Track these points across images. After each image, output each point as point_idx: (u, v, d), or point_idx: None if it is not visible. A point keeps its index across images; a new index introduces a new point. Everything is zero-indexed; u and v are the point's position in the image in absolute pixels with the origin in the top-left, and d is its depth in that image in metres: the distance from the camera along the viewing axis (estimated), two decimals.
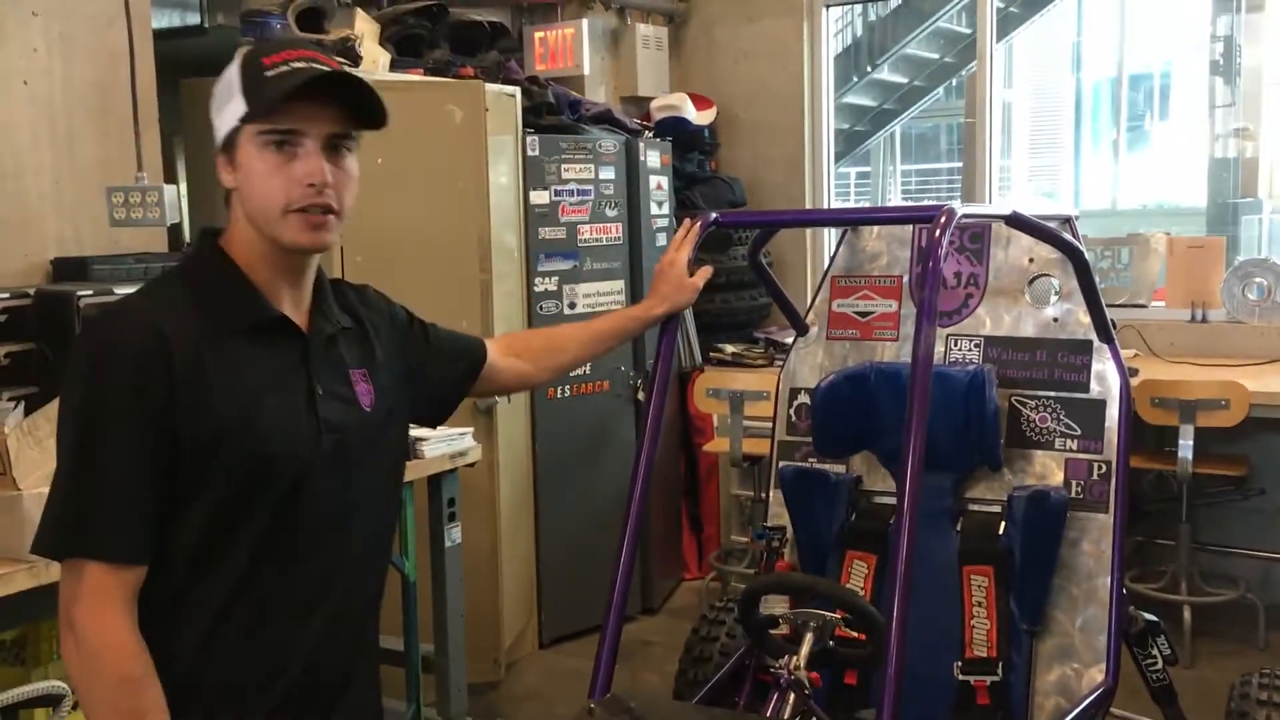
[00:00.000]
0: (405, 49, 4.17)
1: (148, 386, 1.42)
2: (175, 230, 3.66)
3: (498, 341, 2.06)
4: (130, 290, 3.06)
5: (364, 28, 3.94)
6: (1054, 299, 2.79)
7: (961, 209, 2.10)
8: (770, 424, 4.01)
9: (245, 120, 1.47)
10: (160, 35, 3.68)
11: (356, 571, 1.62)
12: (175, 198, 3.29)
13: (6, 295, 2.91)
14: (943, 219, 2.05)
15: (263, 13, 3.70)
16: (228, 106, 1.49)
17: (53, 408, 2.66)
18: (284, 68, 1.46)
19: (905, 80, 9.20)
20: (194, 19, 4.12)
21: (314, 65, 1.48)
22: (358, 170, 1.57)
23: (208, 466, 1.45)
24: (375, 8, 4.31)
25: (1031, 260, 2.81)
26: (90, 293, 2.99)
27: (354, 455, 1.59)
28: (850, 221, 3.15)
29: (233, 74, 1.50)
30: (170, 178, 3.71)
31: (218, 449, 1.45)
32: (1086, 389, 2.69)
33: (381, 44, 4.06)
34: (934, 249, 2.01)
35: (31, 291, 2.98)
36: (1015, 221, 2.35)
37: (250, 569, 1.50)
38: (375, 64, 3.90)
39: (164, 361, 1.43)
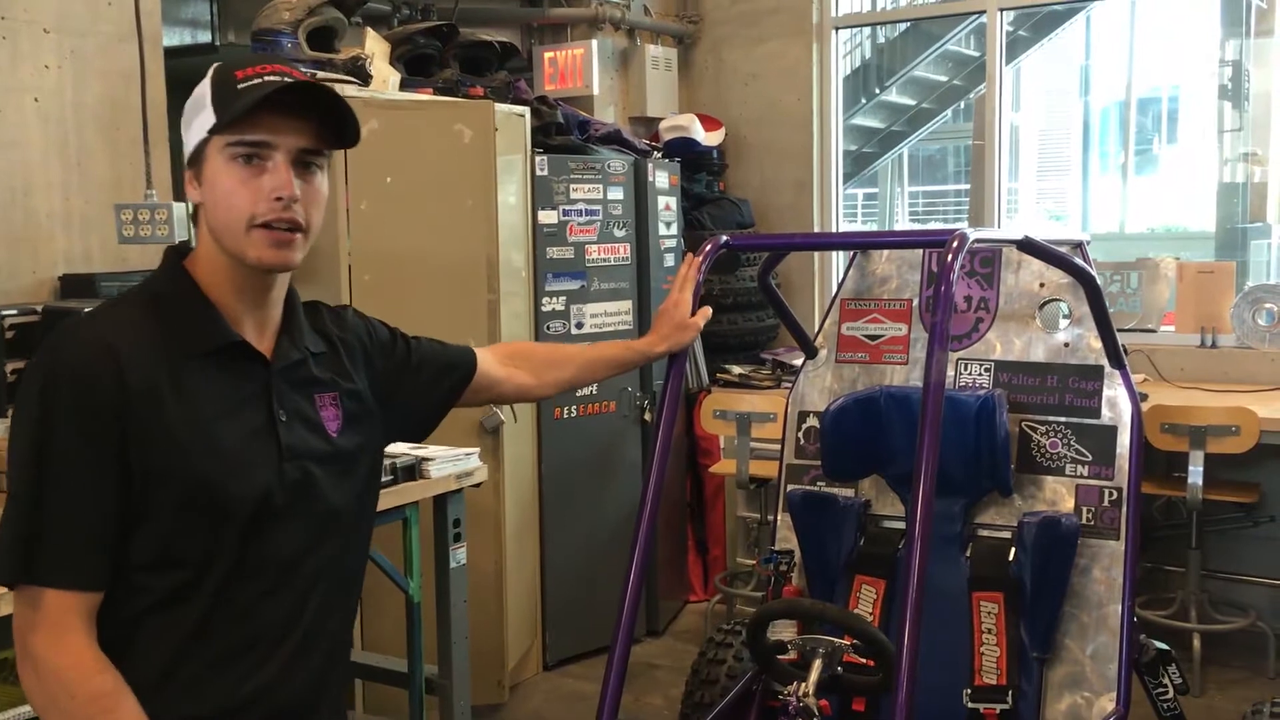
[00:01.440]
0: (415, 68, 4.17)
1: (98, 409, 1.37)
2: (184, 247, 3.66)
3: (495, 350, 2.00)
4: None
5: (374, 47, 3.94)
6: (1065, 324, 2.77)
7: (974, 233, 2.09)
8: (777, 446, 4.00)
9: (214, 131, 1.42)
10: (171, 53, 3.69)
11: (323, 604, 1.55)
12: (184, 215, 3.29)
13: (14, 311, 2.92)
14: (955, 243, 2.04)
15: (274, 31, 3.71)
16: (197, 119, 1.45)
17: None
18: (256, 80, 1.42)
19: (914, 102, 9.22)
20: (205, 37, 4.14)
21: (286, 79, 1.44)
22: (327, 189, 1.51)
23: (160, 494, 1.40)
24: (386, 27, 4.33)
25: (1043, 285, 2.80)
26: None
27: (320, 484, 1.52)
28: (861, 245, 3.14)
29: (204, 88, 1.45)
30: (180, 195, 3.71)
31: (170, 477, 1.40)
32: (1098, 414, 2.68)
33: (392, 63, 4.06)
34: (946, 273, 1.99)
35: (39, 308, 2.98)
36: (1027, 246, 2.34)
37: (210, 603, 1.44)
38: (385, 83, 3.90)
39: (115, 383, 1.37)
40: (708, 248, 2.32)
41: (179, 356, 1.43)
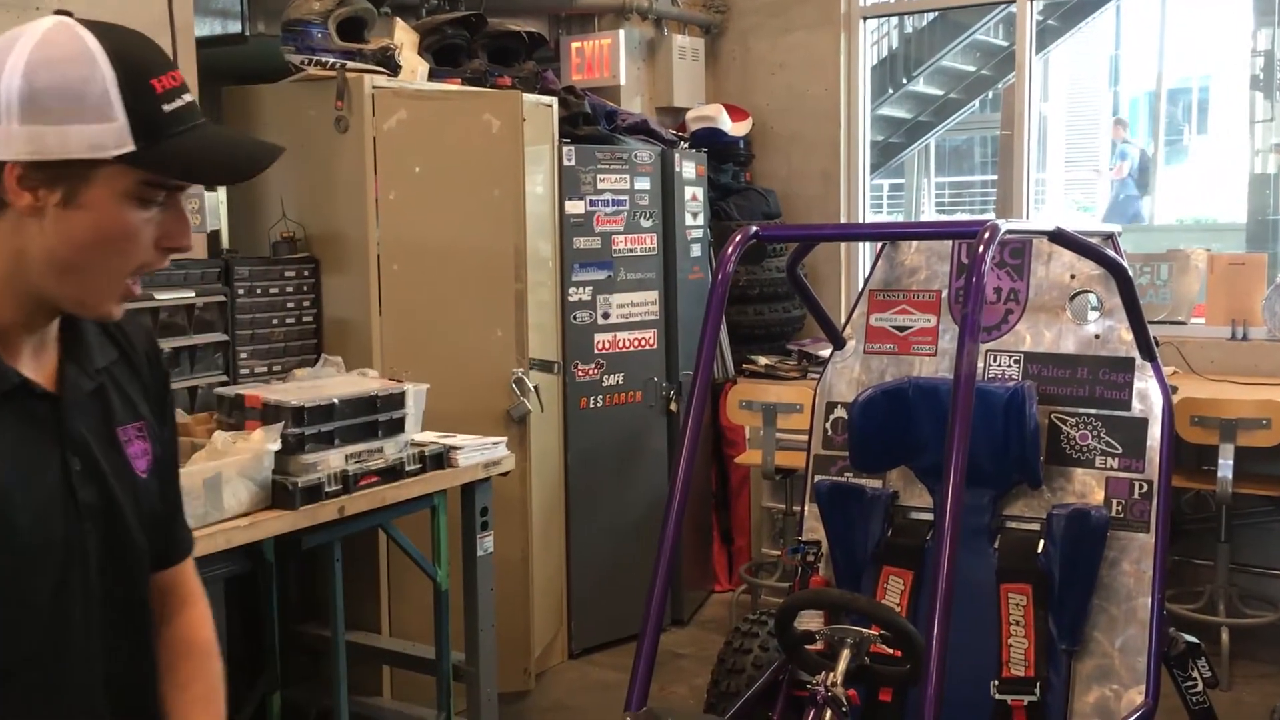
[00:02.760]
0: (443, 59, 4.18)
1: None
2: (214, 237, 3.69)
3: (196, 607, 1.45)
4: (170, 294, 3.11)
5: (403, 37, 3.95)
6: (1095, 316, 2.76)
7: (1005, 224, 2.08)
8: (803, 437, 3.99)
9: (128, 161, 1.11)
10: (201, 44, 3.71)
11: (128, 666, 1.28)
12: (215, 204, 3.32)
13: None
14: (986, 234, 2.03)
15: (304, 21, 3.72)
16: (88, 124, 1.09)
17: None
18: (179, 102, 1.14)
19: (941, 92, 9.17)
20: (235, 27, 4.15)
21: (196, 104, 1.18)
22: None
23: None
24: (414, 17, 4.33)
25: (1073, 276, 2.79)
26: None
27: (126, 538, 1.25)
28: (891, 236, 3.14)
29: (93, 73, 1.10)
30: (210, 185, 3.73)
31: None
32: (1128, 407, 2.67)
33: (420, 53, 4.07)
34: (977, 265, 1.99)
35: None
36: (1058, 237, 2.33)
37: (10, 689, 1.17)
38: (414, 73, 3.91)
39: None
40: (738, 238, 2.32)
41: None
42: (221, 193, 3.93)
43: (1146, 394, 2.66)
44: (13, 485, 1.13)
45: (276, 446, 2.78)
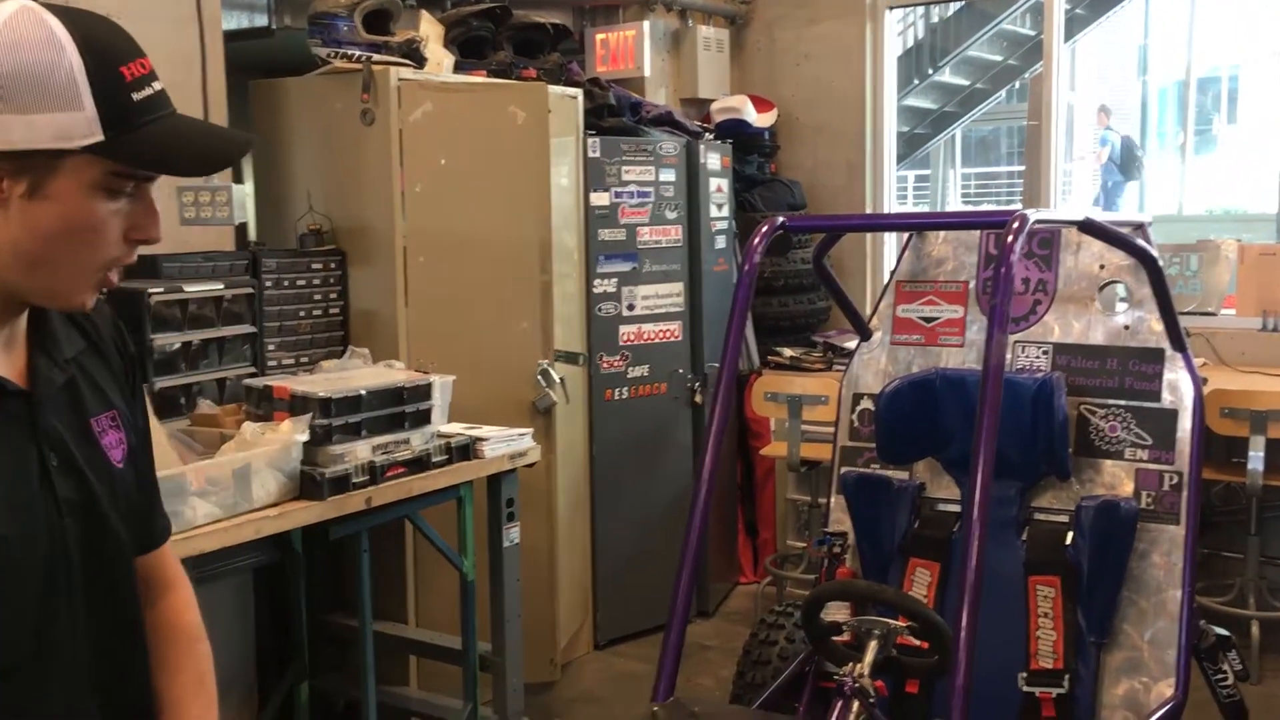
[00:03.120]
0: (468, 51, 4.19)
1: None
2: (242, 230, 3.71)
3: (180, 586, 1.44)
4: (198, 287, 3.13)
5: (429, 30, 3.96)
6: (1125, 306, 2.74)
7: (1034, 214, 2.07)
8: (828, 429, 3.98)
9: (96, 152, 1.08)
10: (228, 37, 3.73)
11: (119, 659, 1.27)
12: (243, 197, 3.33)
13: None
14: (1015, 224, 2.02)
15: (330, 15, 3.74)
16: (55, 112, 1.06)
17: None
18: (148, 90, 1.11)
19: (967, 83, 9.11)
20: (261, 20, 4.17)
21: (165, 93, 1.14)
22: None
23: None
24: (439, 10, 4.34)
25: (1103, 267, 2.76)
26: (161, 290, 3.04)
27: (107, 530, 1.23)
28: (919, 226, 3.12)
29: (60, 60, 1.06)
30: (237, 177, 3.75)
31: None
32: (1158, 398, 2.65)
33: (446, 46, 4.08)
34: (1006, 255, 1.98)
35: (104, 290, 3.03)
36: (1088, 227, 2.31)
37: (18, 686, 1.15)
38: (439, 66, 3.92)
39: None
40: (764, 229, 2.31)
41: None
42: (249, 185, 3.96)
43: (1177, 385, 2.64)
44: None
45: (305, 437, 2.80)
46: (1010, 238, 1.99)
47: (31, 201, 1.08)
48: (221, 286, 3.25)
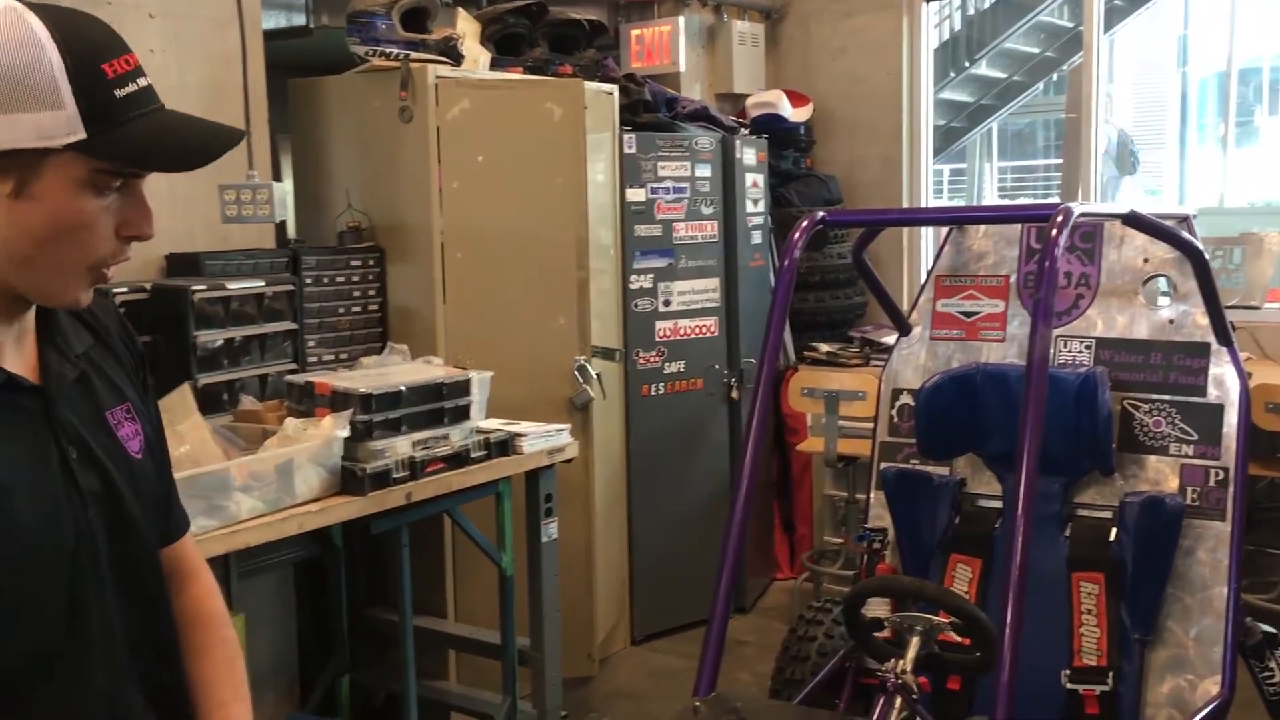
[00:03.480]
0: (505, 48, 4.20)
1: None
2: (281, 228, 3.74)
3: (202, 575, 1.46)
4: (240, 284, 3.17)
5: (465, 27, 3.98)
6: (1169, 300, 2.71)
7: (1079, 208, 2.05)
8: (865, 424, 3.96)
9: (79, 150, 1.07)
10: (267, 36, 3.76)
11: (151, 646, 1.29)
12: (283, 195, 3.36)
13: (125, 290, 3.00)
14: (1060, 218, 2.00)
15: (369, 13, 3.76)
16: (36, 111, 1.05)
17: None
18: (132, 87, 1.10)
19: (1004, 75, 9.03)
20: (299, 20, 4.21)
21: (149, 84, 1.13)
22: None
23: None
24: (476, 7, 4.36)
25: (1146, 260, 2.74)
26: (204, 287, 3.08)
27: (129, 520, 1.24)
28: (961, 220, 3.10)
29: (40, 59, 1.05)
30: (276, 176, 3.78)
31: None
32: (1204, 393, 2.62)
33: (482, 43, 4.09)
34: (1051, 249, 1.96)
35: (148, 286, 3.07)
36: (1133, 220, 2.29)
37: (53, 681, 1.16)
38: (476, 63, 3.94)
39: None
40: (805, 223, 2.30)
41: None
42: (288, 183, 3.99)
43: (1222, 380, 2.61)
44: (14, 482, 1.11)
45: (346, 433, 2.82)
46: (1055, 231, 1.97)
47: (18, 201, 1.08)
48: (263, 284, 3.28)
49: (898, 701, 2.05)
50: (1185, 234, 2.54)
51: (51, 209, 1.09)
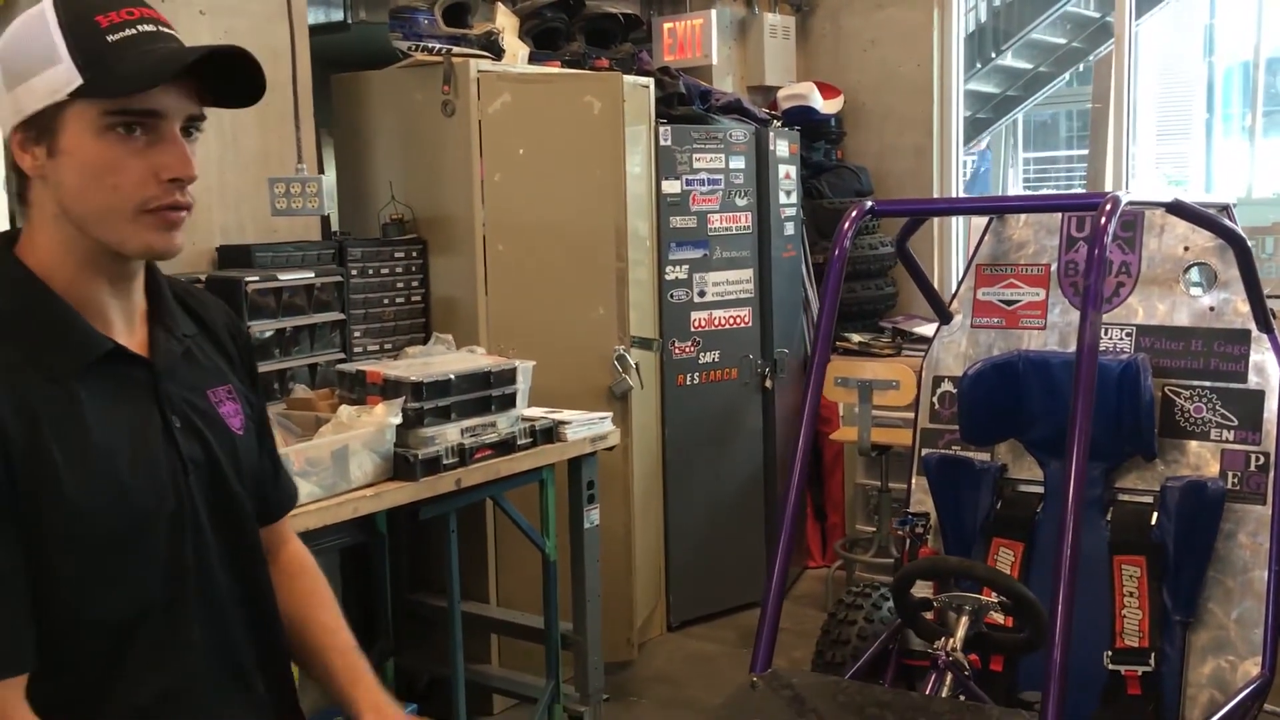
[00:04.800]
0: (542, 42, 4.25)
1: None
2: (325, 221, 3.81)
3: (286, 533, 1.56)
4: (291, 275, 3.23)
5: (504, 21, 4.03)
6: (1211, 288, 2.75)
7: (1126, 196, 2.09)
8: (897, 413, 4.01)
9: (82, 95, 1.15)
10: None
11: (251, 606, 1.36)
12: (333, 188, 3.42)
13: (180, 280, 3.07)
14: (1108, 206, 2.04)
15: (410, 9, 3.82)
16: (43, 72, 1.15)
17: None
18: (129, 31, 1.17)
19: (1030, 66, 9.03)
20: (337, 15, 4.26)
21: (161, 29, 1.20)
22: None
23: (69, 549, 1.17)
24: (513, 2, 4.41)
25: (1187, 249, 2.77)
26: (256, 279, 3.14)
27: (228, 490, 1.31)
28: (1009, 209, 3.14)
29: (42, 28, 1.16)
30: (319, 170, 3.85)
31: (76, 528, 1.17)
32: (1244, 379, 2.65)
33: (520, 37, 4.15)
34: (1100, 236, 2.01)
35: (203, 278, 3.14)
36: (1177, 209, 2.33)
37: (139, 665, 1.23)
38: (515, 57, 3.99)
39: None
40: (854, 213, 2.35)
41: (48, 384, 1.17)
42: (331, 175, 4.06)
43: (1263, 366, 2.64)
44: (120, 445, 1.20)
45: (398, 420, 2.89)
46: (1104, 220, 2.01)
47: (53, 160, 1.18)
48: (312, 275, 3.34)
49: (949, 678, 2.10)
50: (1227, 221, 2.57)
51: (79, 159, 1.17)
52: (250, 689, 1.35)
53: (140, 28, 1.18)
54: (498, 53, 3.83)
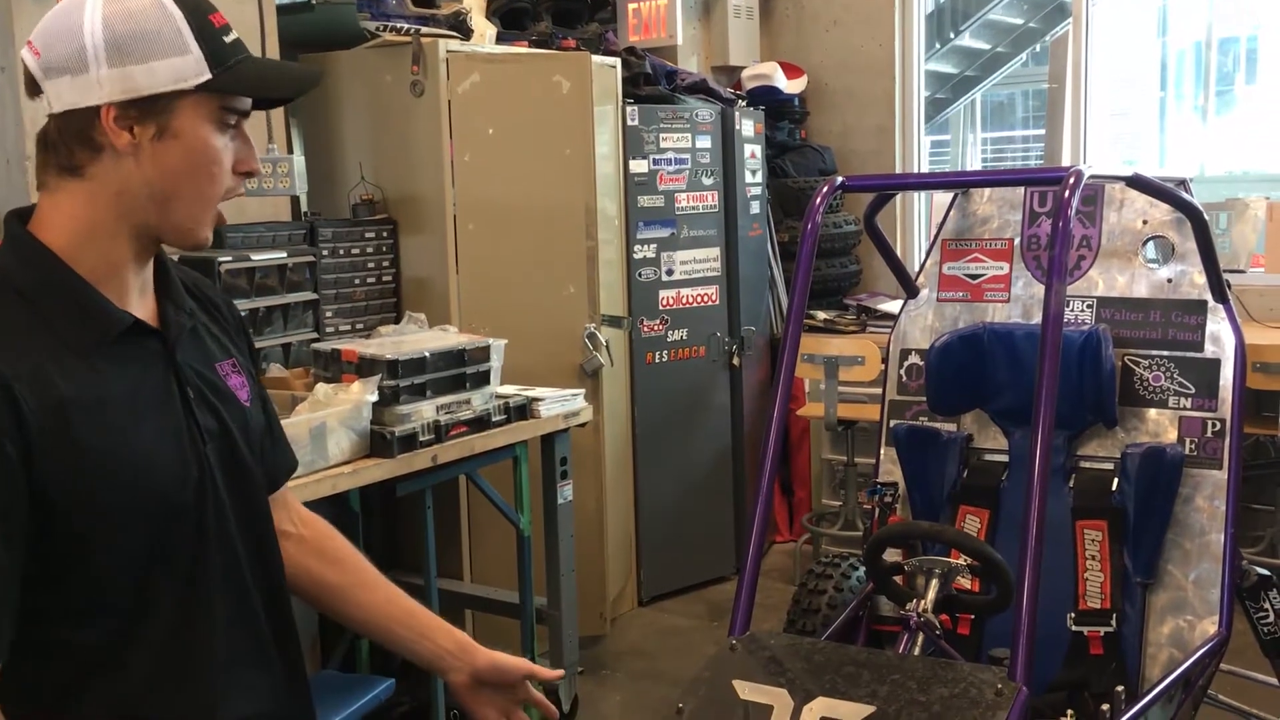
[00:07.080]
0: (509, 22, 4.27)
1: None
2: (294, 201, 3.81)
3: (306, 515, 1.61)
4: (263, 255, 3.23)
5: (472, 2, 4.05)
6: (1168, 260, 2.83)
7: (1088, 170, 2.15)
8: (863, 389, 4.08)
9: (208, 89, 1.22)
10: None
11: (263, 579, 1.40)
12: (304, 169, 3.43)
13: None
14: (1071, 180, 2.11)
15: None
16: (169, 58, 1.20)
17: None
18: (235, 34, 1.26)
19: (988, 46, 9.12)
20: None
21: (240, 38, 1.28)
22: None
23: (92, 521, 1.20)
24: None
25: (1145, 222, 2.85)
26: (229, 259, 3.15)
27: (241, 460, 1.35)
28: (975, 183, 3.20)
29: (164, 14, 1.20)
30: (288, 150, 3.84)
31: (96, 499, 1.19)
32: (1200, 348, 2.73)
33: (487, 17, 4.17)
34: (1064, 208, 2.07)
35: (175, 257, 3.13)
36: (1137, 183, 2.40)
37: (164, 633, 1.26)
38: (483, 37, 4.01)
39: (13, 415, 1.14)
40: (824, 189, 2.40)
41: (70, 358, 1.20)
42: (299, 156, 4.05)
43: (1219, 336, 2.72)
44: (145, 414, 1.24)
45: (374, 398, 2.91)
46: (1067, 192, 2.07)
47: (160, 142, 1.22)
48: (284, 255, 3.35)
49: (920, 638, 2.17)
50: (1185, 195, 2.65)
51: (189, 145, 1.23)
52: (269, 661, 1.39)
53: (234, 32, 1.27)
54: (466, 33, 3.84)
